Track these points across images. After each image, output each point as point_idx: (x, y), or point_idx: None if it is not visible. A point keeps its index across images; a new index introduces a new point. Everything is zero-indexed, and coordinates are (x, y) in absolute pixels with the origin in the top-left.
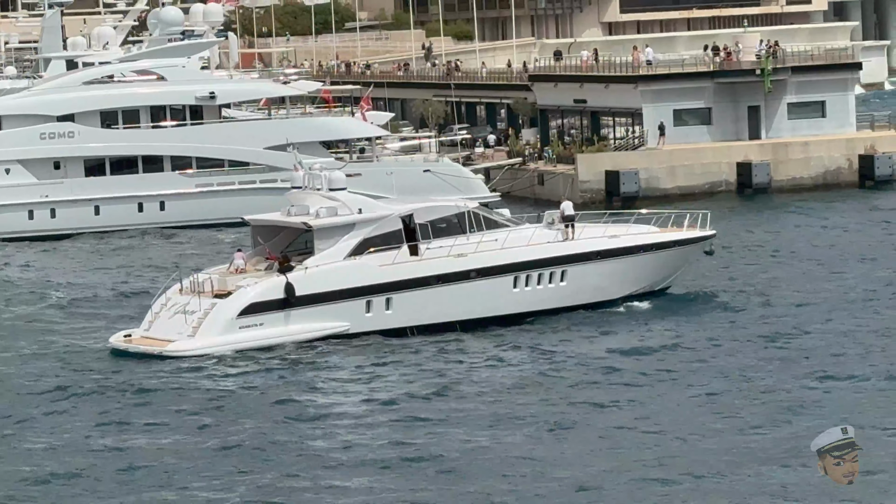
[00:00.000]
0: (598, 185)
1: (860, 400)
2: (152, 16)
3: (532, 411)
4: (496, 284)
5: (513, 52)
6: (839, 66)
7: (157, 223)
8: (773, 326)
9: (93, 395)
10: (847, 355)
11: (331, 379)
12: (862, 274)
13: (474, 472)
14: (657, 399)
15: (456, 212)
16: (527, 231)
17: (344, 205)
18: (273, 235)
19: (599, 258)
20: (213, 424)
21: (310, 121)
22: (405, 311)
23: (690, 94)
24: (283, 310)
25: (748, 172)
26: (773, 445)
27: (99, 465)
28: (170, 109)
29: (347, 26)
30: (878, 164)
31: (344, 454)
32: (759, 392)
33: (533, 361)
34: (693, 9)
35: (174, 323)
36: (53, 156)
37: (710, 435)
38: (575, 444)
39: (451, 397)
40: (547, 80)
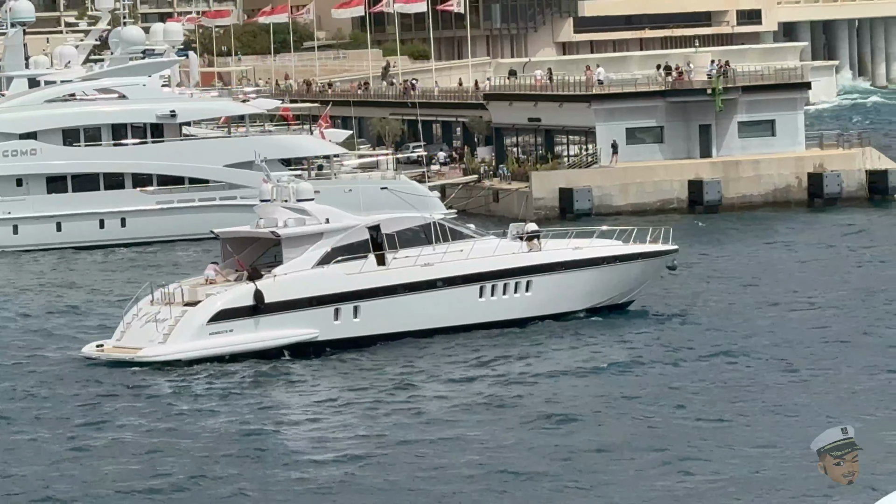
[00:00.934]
0: (552, 202)
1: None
2: (114, 35)
3: (491, 423)
4: (462, 294)
5: (469, 71)
6: (789, 85)
7: (119, 239)
8: (723, 341)
9: (64, 403)
10: (797, 369)
11: (298, 386)
12: (811, 288)
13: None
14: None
15: (422, 223)
16: (492, 242)
17: (311, 215)
18: (243, 247)
19: (564, 269)
20: (179, 431)
21: (269, 139)
22: (372, 319)
23: (643, 112)
24: (252, 316)
25: (699, 190)
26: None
27: (66, 473)
28: (131, 127)
29: (306, 45)
30: (827, 181)
31: (308, 461)
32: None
33: (494, 373)
34: (645, 29)
35: (145, 331)
36: (15, 173)
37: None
38: (529, 447)
39: (412, 406)
40: (502, 98)
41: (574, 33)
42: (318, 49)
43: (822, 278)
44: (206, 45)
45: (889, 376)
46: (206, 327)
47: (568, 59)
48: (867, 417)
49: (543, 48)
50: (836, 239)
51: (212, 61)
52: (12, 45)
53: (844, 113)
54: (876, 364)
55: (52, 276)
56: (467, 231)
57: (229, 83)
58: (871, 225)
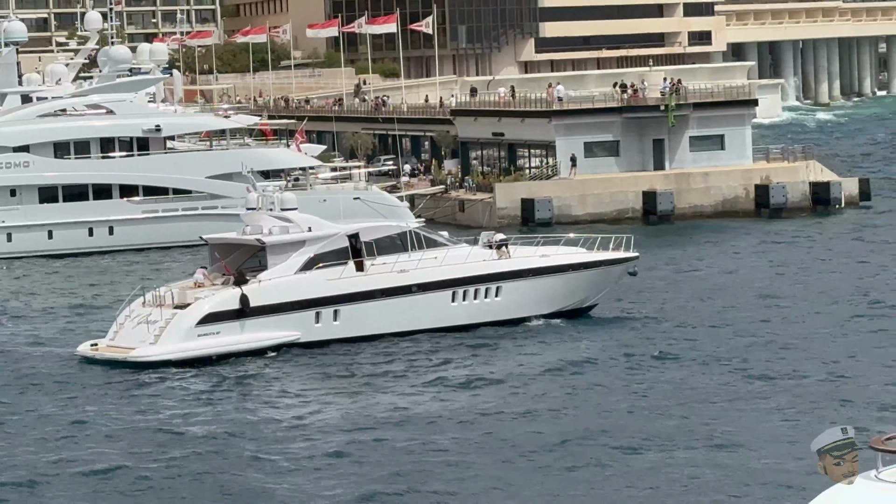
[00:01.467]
0: (515, 211)
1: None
2: (102, 54)
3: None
4: (436, 299)
5: (436, 89)
6: (737, 102)
7: (107, 247)
8: (679, 341)
9: (60, 400)
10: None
11: (281, 384)
12: (761, 292)
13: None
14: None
15: (399, 231)
16: (464, 250)
17: (295, 223)
18: (230, 253)
19: (532, 275)
20: (168, 428)
21: (248, 152)
22: (351, 322)
23: (600, 128)
24: (238, 319)
25: (653, 201)
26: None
27: (59, 468)
28: (118, 141)
29: (283, 64)
30: (773, 193)
31: (288, 454)
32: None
33: (464, 372)
34: (602, 49)
35: (137, 332)
36: (9, 184)
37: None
38: (506, 444)
39: (388, 402)
40: (467, 114)
41: (535, 53)
42: (295, 67)
43: (770, 283)
44: (189, 64)
45: (834, 368)
46: (194, 329)
47: (530, 77)
48: (813, 413)
49: (507, 67)
50: (781, 246)
51: (194, 79)
52: (6, 63)
53: (789, 128)
54: (821, 360)
55: (44, 281)
56: (441, 239)
57: (211, 100)
58: (814, 233)
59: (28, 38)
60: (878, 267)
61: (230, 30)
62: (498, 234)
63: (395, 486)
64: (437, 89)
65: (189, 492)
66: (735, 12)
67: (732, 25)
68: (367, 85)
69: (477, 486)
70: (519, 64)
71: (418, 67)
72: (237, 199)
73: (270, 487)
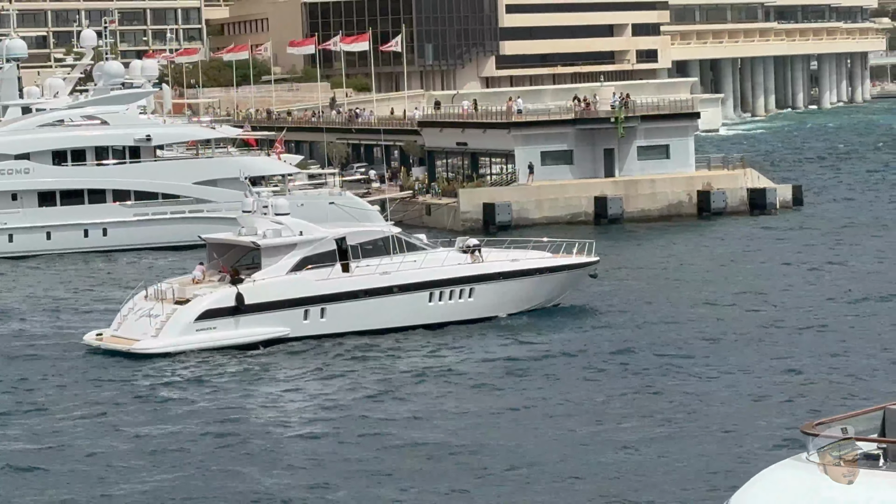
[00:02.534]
0: (477, 215)
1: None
2: (97, 69)
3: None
4: (415, 298)
5: (405, 102)
6: (681, 115)
7: (101, 247)
8: (635, 335)
9: (69, 386)
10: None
11: (271, 374)
12: (705, 287)
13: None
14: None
15: (382, 236)
16: (441, 254)
17: (287, 227)
18: (225, 251)
19: (503, 278)
20: (167, 415)
21: (231, 160)
22: (337, 319)
23: (555, 138)
24: (233, 316)
25: (604, 205)
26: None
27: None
28: (112, 149)
29: (264, 79)
30: (714, 198)
31: (278, 438)
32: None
33: (439, 365)
34: (558, 66)
35: (140, 324)
36: (11, 189)
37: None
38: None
39: (370, 390)
40: (433, 125)
41: (496, 69)
42: (275, 82)
43: (713, 279)
44: (177, 79)
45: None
46: (193, 324)
47: (491, 91)
48: (758, 399)
49: (470, 82)
50: (721, 246)
51: (182, 93)
52: (7, 77)
53: (728, 139)
54: (767, 351)
55: (45, 278)
56: (420, 243)
57: (197, 112)
58: (751, 235)
59: (28, 55)
60: (811, 263)
61: (215, 47)
62: (472, 239)
63: (385, 461)
64: (406, 102)
65: (190, 476)
66: (679, 32)
67: (677, 44)
68: (342, 98)
69: (466, 481)
70: (481, 79)
71: (388, 82)
72: (221, 203)
73: (266, 466)
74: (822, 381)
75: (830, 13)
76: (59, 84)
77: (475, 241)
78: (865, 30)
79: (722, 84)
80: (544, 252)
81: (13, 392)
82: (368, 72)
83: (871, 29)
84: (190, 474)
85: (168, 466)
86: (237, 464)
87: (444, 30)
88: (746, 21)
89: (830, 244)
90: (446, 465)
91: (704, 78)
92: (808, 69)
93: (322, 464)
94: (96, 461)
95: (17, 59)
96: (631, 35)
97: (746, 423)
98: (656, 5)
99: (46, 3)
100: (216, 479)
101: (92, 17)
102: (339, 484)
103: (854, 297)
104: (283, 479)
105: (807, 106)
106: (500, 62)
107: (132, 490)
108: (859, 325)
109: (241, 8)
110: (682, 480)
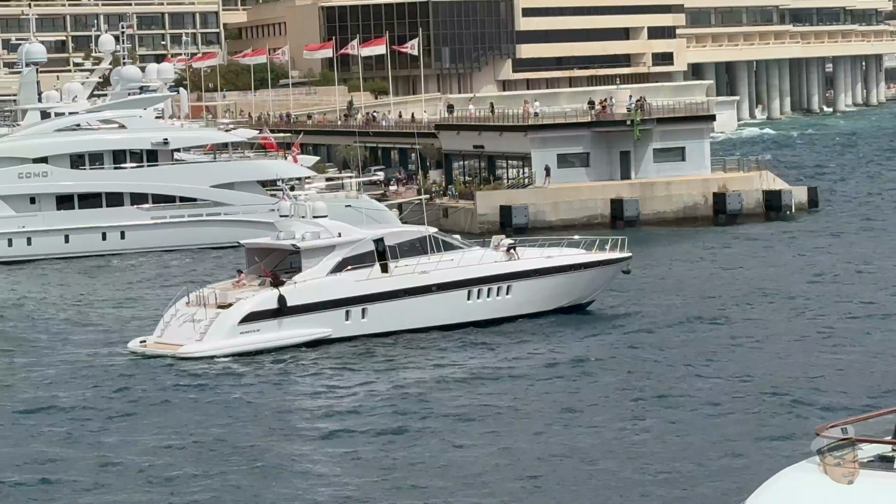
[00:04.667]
0: (494, 217)
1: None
2: (115, 73)
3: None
4: (453, 297)
5: (422, 105)
6: (697, 117)
7: (119, 250)
8: (669, 331)
9: (119, 392)
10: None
11: (315, 376)
12: (716, 290)
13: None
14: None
15: (419, 236)
16: (478, 252)
17: (326, 229)
18: (264, 256)
19: (539, 275)
20: (218, 415)
21: (249, 163)
22: (377, 319)
23: (571, 141)
24: (276, 318)
25: (620, 207)
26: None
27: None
28: (129, 153)
29: (281, 83)
30: (729, 200)
31: (322, 437)
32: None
33: (478, 361)
34: (574, 69)
35: (184, 330)
36: (30, 192)
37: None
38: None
39: (413, 390)
40: (450, 128)
41: (512, 72)
42: (293, 86)
43: (728, 279)
44: (195, 83)
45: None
46: (237, 327)
47: (507, 94)
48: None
49: (486, 85)
50: (737, 248)
51: (200, 96)
52: (27, 82)
53: (744, 141)
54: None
55: (72, 282)
56: (456, 243)
57: (215, 116)
58: (767, 237)
59: (47, 59)
60: (826, 265)
61: (233, 51)
62: (507, 238)
63: (415, 478)
64: (423, 105)
65: (235, 479)
66: (695, 35)
67: (692, 47)
68: (359, 102)
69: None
70: (498, 82)
71: (405, 86)
72: (238, 207)
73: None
74: (839, 384)
75: (845, 16)
76: (77, 88)
77: (511, 240)
78: (880, 32)
79: (737, 87)
80: (578, 249)
81: (72, 399)
82: (385, 75)
83: (885, 31)
84: (243, 475)
85: (217, 471)
86: (282, 468)
87: (461, 33)
88: (761, 24)
89: (846, 246)
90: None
91: (720, 80)
92: (823, 72)
93: (362, 465)
94: (154, 464)
95: (35, 64)
96: (647, 38)
97: (762, 425)
98: (672, 8)
99: (65, 8)
100: (263, 481)
101: (110, 21)
102: (378, 490)
103: (872, 299)
104: (324, 485)
105: (822, 108)
106: (517, 65)
107: (177, 491)
108: (876, 327)
109: (259, 12)
110: (694, 483)
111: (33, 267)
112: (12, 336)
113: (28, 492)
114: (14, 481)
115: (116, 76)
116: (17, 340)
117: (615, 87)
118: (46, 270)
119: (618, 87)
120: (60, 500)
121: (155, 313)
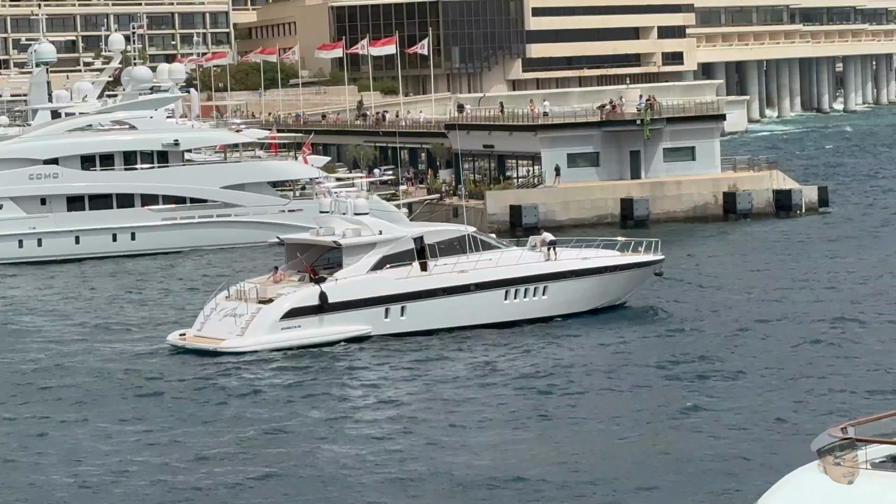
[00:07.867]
0: (504, 217)
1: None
2: (125, 73)
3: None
4: (491, 296)
5: (432, 105)
6: (706, 117)
7: (129, 251)
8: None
9: (159, 383)
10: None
11: (356, 372)
12: (732, 289)
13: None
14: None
15: (458, 235)
16: (516, 252)
17: (367, 227)
18: (304, 252)
19: (575, 276)
20: (261, 410)
21: (259, 164)
22: (417, 317)
23: (581, 140)
24: (317, 314)
25: (630, 207)
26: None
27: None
28: (140, 154)
29: (291, 83)
30: (740, 199)
31: (362, 431)
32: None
33: (514, 362)
34: (584, 69)
35: (224, 324)
36: (40, 193)
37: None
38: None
39: (449, 388)
40: (460, 128)
41: (522, 72)
42: (303, 85)
43: (743, 278)
44: (205, 83)
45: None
46: (278, 323)
47: (517, 94)
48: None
49: (496, 85)
50: (748, 247)
51: (210, 96)
52: (37, 82)
53: (754, 140)
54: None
55: (94, 282)
56: (495, 242)
57: (226, 116)
58: (777, 236)
59: (57, 59)
60: (840, 262)
61: (243, 51)
62: (548, 234)
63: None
64: (433, 105)
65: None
66: (705, 35)
67: (702, 47)
68: (368, 101)
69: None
70: (507, 82)
71: (415, 85)
72: (249, 207)
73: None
74: (853, 383)
75: (855, 15)
76: (87, 88)
77: (551, 237)
78: (890, 31)
79: (747, 86)
80: (613, 250)
81: (118, 392)
82: (395, 75)
83: None
84: (287, 469)
85: (262, 463)
86: (321, 463)
87: (471, 33)
88: (772, 23)
89: (856, 246)
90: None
91: (730, 80)
92: (834, 71)
93: (407, 463)
94: (202, 455)
95: (46, 64)
96: (657, 38)
97: (774, 425)
98: (682, 8)
99: (75, 8)
100: (306, 475)
101: (120, 21)
102: None
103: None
104: (361, 481)
105: (832, 107)
106: (527, 65)
107: (223, 483)
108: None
109: (269, 12)
110: (704, 484)
111: (47, 269)
112: (48, 334)
113: (76, 490)
114: (73, 477)
115: (127, 76)
116: (51, 337)
117: (625, 86)
118: (62, 269)
119: (628, 86)
120: (114, 496)
121: (180, 312)
